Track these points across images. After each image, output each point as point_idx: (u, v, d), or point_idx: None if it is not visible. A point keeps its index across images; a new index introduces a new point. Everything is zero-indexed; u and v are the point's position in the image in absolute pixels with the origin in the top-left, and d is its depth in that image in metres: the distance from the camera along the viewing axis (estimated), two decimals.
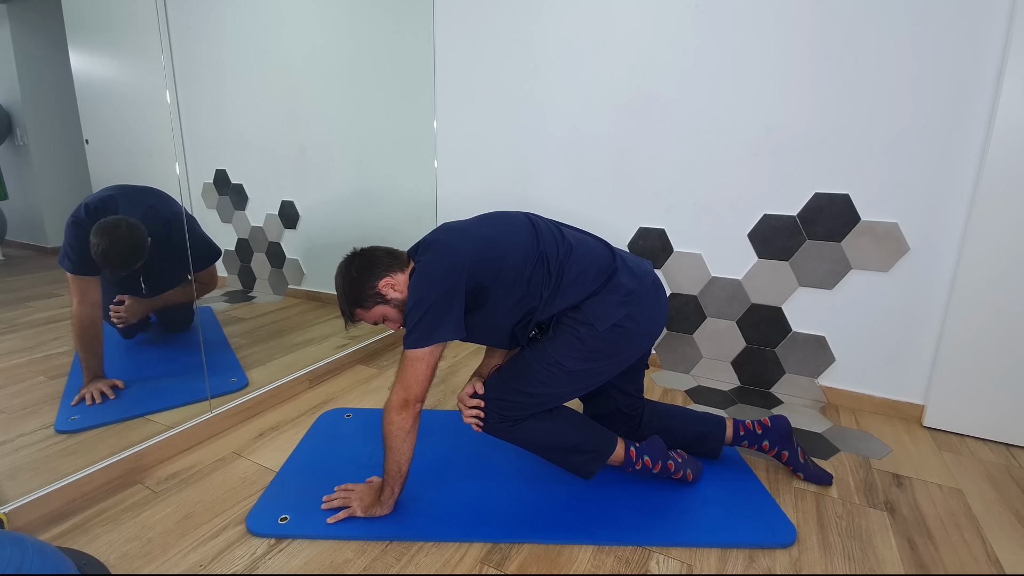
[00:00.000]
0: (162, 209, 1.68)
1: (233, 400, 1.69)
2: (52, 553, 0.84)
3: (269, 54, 2.37)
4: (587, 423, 1.31)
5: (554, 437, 1.26)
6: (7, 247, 1.69)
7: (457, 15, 2.33)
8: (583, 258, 1.22)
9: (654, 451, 1.34)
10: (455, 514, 1.25)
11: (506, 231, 1.21)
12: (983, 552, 1.17)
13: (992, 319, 1.59)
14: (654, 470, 1.33)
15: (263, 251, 2.64)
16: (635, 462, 1.32)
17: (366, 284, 1.21)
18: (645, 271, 1.27)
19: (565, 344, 1.20)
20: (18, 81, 1.59)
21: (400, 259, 1.25)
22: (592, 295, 1.20)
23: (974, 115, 1.56)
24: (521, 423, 1.24)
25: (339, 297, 1.25)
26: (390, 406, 1.15)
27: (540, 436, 1.26)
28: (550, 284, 1.19)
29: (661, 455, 1.34)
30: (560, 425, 1.27)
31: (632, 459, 1.32)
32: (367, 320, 1.25)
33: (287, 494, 1.31)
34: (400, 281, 1.22)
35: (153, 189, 1.71)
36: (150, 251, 1.68)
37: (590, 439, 1.29)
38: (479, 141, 2.39)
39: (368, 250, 1.26)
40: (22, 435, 1.41)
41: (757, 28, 1.79)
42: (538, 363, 1.21)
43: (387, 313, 1.23)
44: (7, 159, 1.62)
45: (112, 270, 1.61)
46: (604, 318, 1.18)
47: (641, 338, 1.24)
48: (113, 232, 1.58)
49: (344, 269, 1.24)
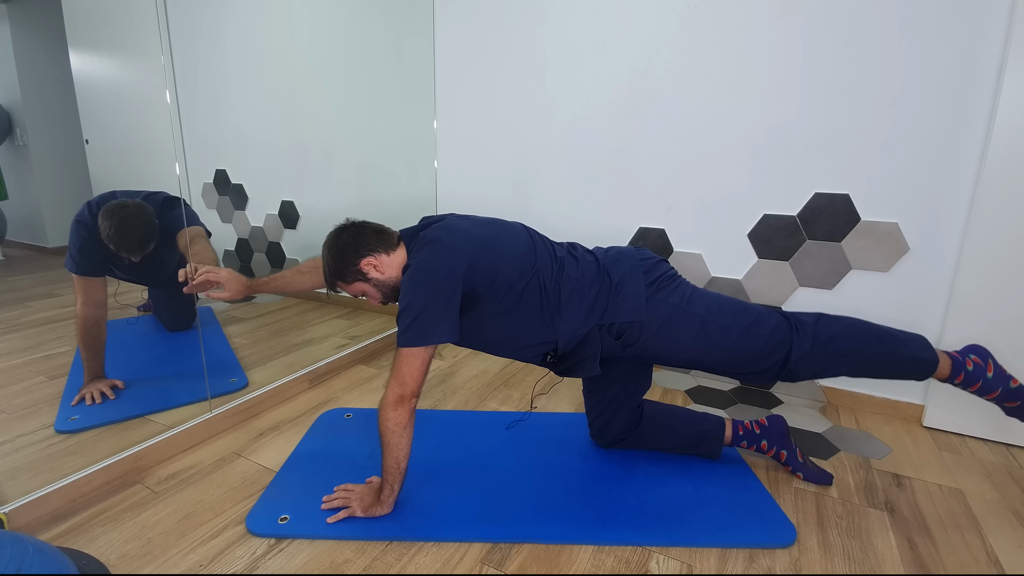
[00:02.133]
0: (160, 193, 1.69)
1: (233, 400, 1.69)
2: (52, 553, 0.84)
3: (269, 54, 2.37)
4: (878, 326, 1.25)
5: (863, 331, 1.21)
6: (7, 247, 1.69)
7: (457, 14, 2.33)
8: (573, 270, 1.23)
9: (978, 350, 1.23)
10: (455, 514, 1.24)
11: (506, 241, 1.22)
12: (983, 552, 1.17)
13: (992, 319, 1.59)
14: (987, 373, 1.20)
15: (263, 251, 2.64)
16: (964, 360, 1.21)
17: (349, 260, 1.23)
18: (623, 251, 1.30)
19: (675, 332, 1.21)
20: (18, 81, 1.59)
21: (388, 239, 1.26)
22: (607, 303, 1.21)
23: (974, 115, 1.56)
24: (819, 329, 1.19)
25: (323, 266, 1.27)
26: (385, 403, 1.15)
27: (852, 336, 1.20)
28: (549, 301, 1.20)
29: (987, 354, 1.23)
30: (851, 322, 1.23)
31: (959, 358, 1.21)
32: (347, 292, 1.28)
33: (287, 494, 1.31)
34: (384, 262, 1.23)
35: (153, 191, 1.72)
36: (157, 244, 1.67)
37: (892, 331, 1.23)
38: (479, 141, 2.39)
39: (358, 225, 1.27)
40: (22, 435, 1.41)
41: (757, 28, 1.79)
42: (698, 341, 1.20)
43: (366, 290, 1.26)
44: (7, 159, 1.62)
45: (126, 252, 1.60)
46: (637, 307, 1.20)
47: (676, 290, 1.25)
48: (122, 211, 1.58)
49: (331, 241, 1.26)
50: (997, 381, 1.20)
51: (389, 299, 1.28)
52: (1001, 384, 1.20)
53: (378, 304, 1.30)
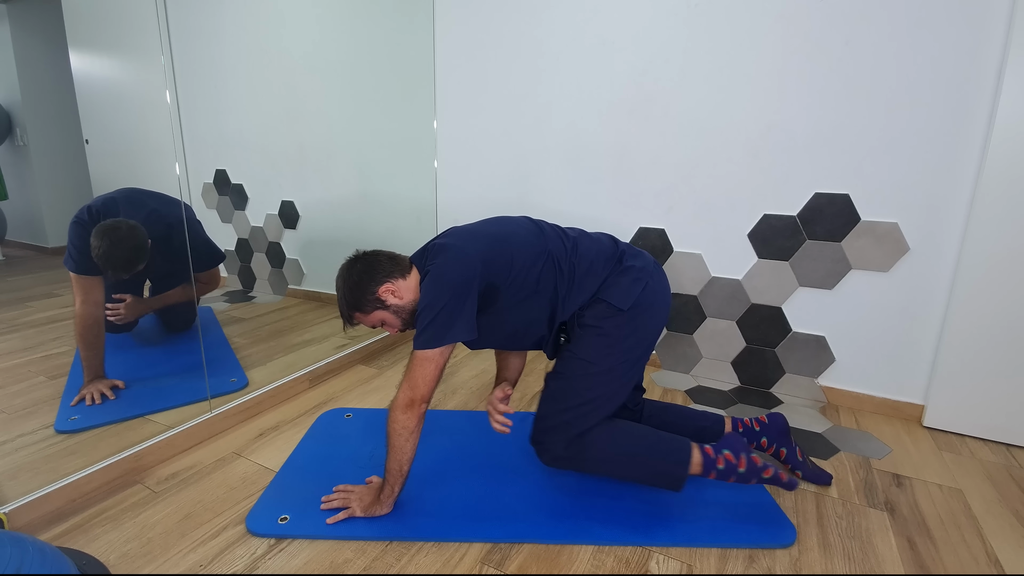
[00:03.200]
0: (165, 214, 1.68)
1: (233, 400, 1.69)
2: (52, 553, 0.84)
3: (269, 54, 2.37)
4: (649, 428, 1.27)
5: (628, 442, 1.22)
6: (7, 247, 1.69)
7: (457, 14, 2.33)
8: (589, 249, 1.26)
9: (733, 444, 1.23)
10: (455, 514, 1.25)
11: (512, 231, 1.23)
12: (983, 552, 1.17)
13: (992, 319, 1.59)
14: (739, 468, 1.20)
15: (263, 251, 2.64)
16: (715, 459, 1.20)
17: (366, 289, 1.21)
18: (645, 254, 1.33)
19: (589, 346, 1.21)
20: (18, 81, 1.59)
21: (402, 265, 1.25)
22: (606, 280, 1.23)
23: (974, 115, 1.56)
24: (586, 438, 1.20)
25: (339, 300, 1.25)
26: (396, 405, 1.15)
27: (614, 445, 1.21)
28: (564, 280, 1.22)
29: (742, 448, 1.22)
30: (627, 428, 1.24)
31: (711, 456, 1.20)
32: (365, 324, 1.26)
33: (287, 494, 1.31)
34: (400, 287, 1.22)
35: (157, 193, 1.71)
36: (152, 254, 1.68)
37: (663, 438, 1.24)
38: (479, 141, 2.39)
39: (370, 254, 1.26)
40: (22, 435, 1.41)
41: (757, 28, 1.79)
42: (574, 376, 1.22)
43: (386, 318, 1.23)
44: (7, 159, 1.62)
45: (114, 272, 1.61)
46: (626, 297, 1.21)
47: (659, 311, 1.26)
48: (113, 234, 1.58)
49: (345, 273, 1.24)
50: (750, 474, 1.21)
51: (408, 325, 1.25)
52: (754, 476, 1.21)
53: (396, 332, 1.27)
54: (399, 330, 1.26)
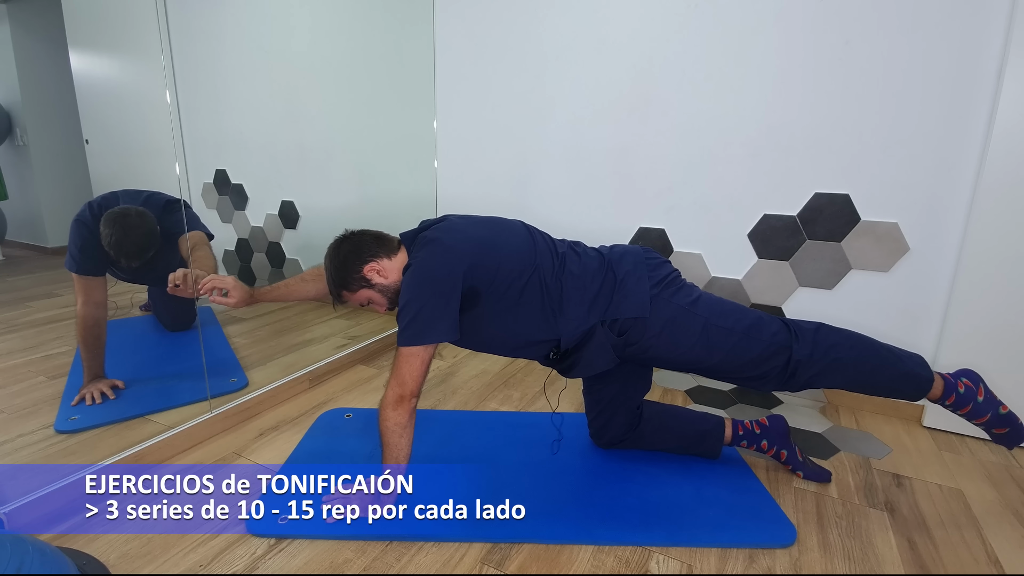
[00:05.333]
0: (162, 196, 1.69)
1: (233, 400, 1.69)
2: (52, 553, 0.84)
3: (269, 54, 2.37)
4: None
5: (864, 343, 1.22)
6: (7, 247, 1.69)
7: (457, 15, 2.33)
8: (575, 265, 1.23)
9: (970, 375, 1.24)
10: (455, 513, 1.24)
11: (505, 239, 1.22)
12: (983, 552, 1.17)
13: (992, 319, 1.59)
14: (978, 396, 1.21)
15: (263, 251, 2.64)
16: (955, 383, 1.21)
17: (352, 268, 1.22)
18: (629, 255, 1.29)
19: (676, 344, 1.21)
20: (18, 81, 1.59)
21: (389, 244, 1.26)
22: (611, 299, 1.20)
23: (974, 115, 1.56)
24: (820, 338, 1.20)
25: (327, 278, 1.27)
26: (385, 402, 1.15)
27: (852, 348, 1.20)
28: (550, 297, 1.19)
29: (979, 379, 1.24)
30: (856, 334, 1.24)
31: (951, 380, 1.22)
32: (353, 302, 1.27)
33: (287, 494, 1.31)
34: (386, 267, 1.23)
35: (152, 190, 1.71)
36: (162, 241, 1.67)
37: (892, 347, 1.25)
38: (479, 141, 2.39)
39: (357, 234, 1.27)
40: (22, 435, 1.41)
41: (758, 28, 1.79)
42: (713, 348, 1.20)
43: (372, 297, 1.25)
44: (7, 159, 1.62)
45: (126, 260, 1.60)
46: (641, 303, 1.19)
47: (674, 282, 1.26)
48: (124, 220, 1.58)
49: (333, 251, 1.26)
50: (987, 406, 1.21)
51: (395, 304, 1.26)
52: (990, 409, 1.21)
53: (384, 311, 1.29)
54: (386, 309, 1.27)
